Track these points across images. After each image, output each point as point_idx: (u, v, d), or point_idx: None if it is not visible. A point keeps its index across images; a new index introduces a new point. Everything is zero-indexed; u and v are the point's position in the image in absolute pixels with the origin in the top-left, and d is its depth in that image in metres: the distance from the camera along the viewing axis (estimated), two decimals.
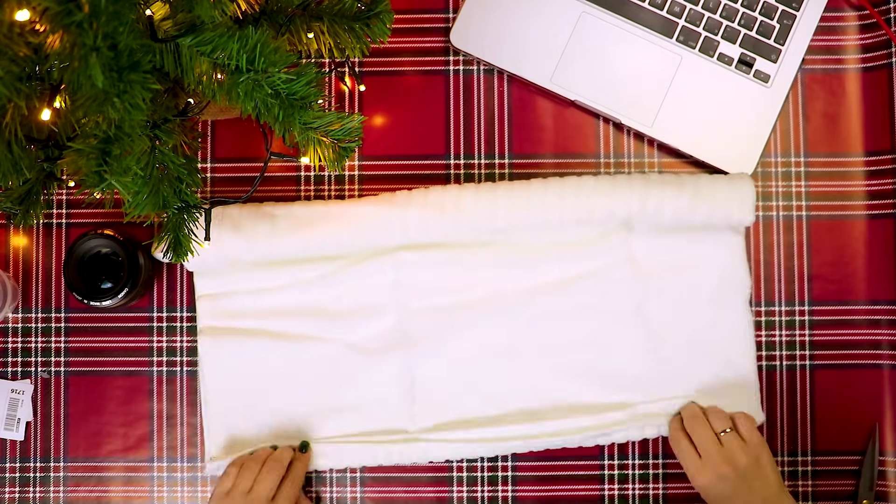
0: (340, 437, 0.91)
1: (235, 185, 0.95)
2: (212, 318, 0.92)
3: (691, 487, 0.93)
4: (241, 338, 0.92)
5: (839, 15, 0.96)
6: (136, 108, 0.57)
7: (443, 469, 0.93)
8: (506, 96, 0.96)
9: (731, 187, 0.90)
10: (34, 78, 0.65)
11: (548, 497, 0.91)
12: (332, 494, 0.93)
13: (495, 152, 0.96)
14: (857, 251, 0.95)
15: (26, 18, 0.56)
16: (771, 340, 0.94)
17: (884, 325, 0.94)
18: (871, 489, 0.92)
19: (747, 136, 0.94)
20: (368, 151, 0.96)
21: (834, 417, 0.94)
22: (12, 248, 0.95)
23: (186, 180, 0.75)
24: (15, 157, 0.67)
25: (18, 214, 0.79)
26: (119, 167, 0.61)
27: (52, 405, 0.94)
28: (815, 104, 0.96)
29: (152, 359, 0.94)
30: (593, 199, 0.89)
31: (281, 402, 0.92)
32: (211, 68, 0.64)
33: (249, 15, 0.76)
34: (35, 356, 0.94)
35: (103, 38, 0.53)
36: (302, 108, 0.65)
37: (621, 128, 0.96)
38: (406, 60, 0.96)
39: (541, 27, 0.94)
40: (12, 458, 0.94)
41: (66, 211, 0.95)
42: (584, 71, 0.94)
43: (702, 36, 0.94)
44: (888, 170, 0.94)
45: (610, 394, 0.91)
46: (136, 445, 0.94)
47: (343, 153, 0.70)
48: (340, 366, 0.92)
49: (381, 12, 0.79)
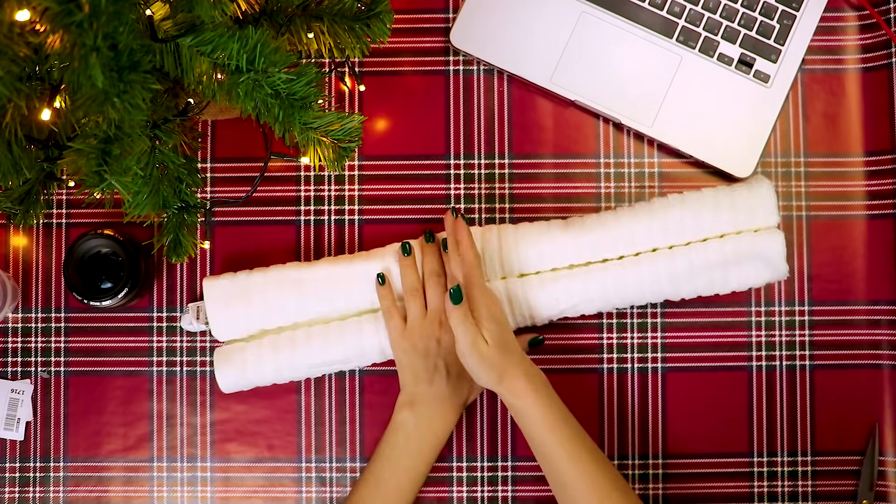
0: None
1: (235, 185, 0.95)
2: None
3: (691, 487, 0.93)
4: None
5: (839, 15, 0.96)
6: (136, 108, 0.57)
7: (443, 469, 0.93)
8: (506, 96, 0.96)
9: (751, 192, 0.89)
10: (34, 78, 0.65)
11: (548, 497, 0.91)
12: (331, 494, 0.93)
13: (495, 152, 0.96)
14: (857, 251, 0.95)
15: (26, 18, 0.56)
16: (771, 340, 0.94)
17: (884, 325, 0.94)
18: (871, 489, 0.92)
19: (747, 136, 0.94)
20: (368, 151, 0.96)
21: (834, 417, 0.94)
22: (12, 248, 0.95)
23: (186, 180, 0.75)
24: (15, 157, 0.67)
25: (18, 214, 0.79)
26: (119, 167, 0.61)
27: (52, 405, 0.94)
28: (815, 104, 0.96)
29: (152, 359, 0.94)
30: (614, 231, 0.89)
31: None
32: (211, 68, 0.64)
33: (249, 15, 0.76)
34: (35, 356, 0.94)
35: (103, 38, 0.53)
36: (302, 108, 0.65)
37: (621, 128, 0.96)
38: (406, 60, 0.96)
39: (541, 27, 0.94)
40: (12, 458, 0.94)
41: (66, 211, 0.95)
42: (584, 71, 0.94)
43: (702, 36, 0.94)
44: (888, 170, 0.94)
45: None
46: (136, 445, 0.94)
47: (343, 153, 0.70)
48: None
49: (381, 12, 0.79)
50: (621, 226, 0.89)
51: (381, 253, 0.91)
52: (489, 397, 0.94)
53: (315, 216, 0.95)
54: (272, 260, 0.94)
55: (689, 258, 0.88)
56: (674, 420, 0.94)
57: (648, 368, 0.94)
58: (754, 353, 0.94)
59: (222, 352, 0.90)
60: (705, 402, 0.94)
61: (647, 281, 0.89)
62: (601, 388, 0.94)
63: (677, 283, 0.89)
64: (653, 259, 0.89)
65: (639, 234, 0.89)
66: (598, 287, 0.89)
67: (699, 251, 0.88)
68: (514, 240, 0.90)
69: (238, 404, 0.94)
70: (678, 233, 0.89)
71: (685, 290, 0.90)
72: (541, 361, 0.93)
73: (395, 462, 0.87)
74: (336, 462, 0.94)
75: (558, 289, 0.89)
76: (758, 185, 0.89)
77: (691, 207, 0.89)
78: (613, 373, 0.94)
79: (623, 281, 0.89)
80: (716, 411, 0.94)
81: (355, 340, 0.89)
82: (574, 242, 0.89)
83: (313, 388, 0.94)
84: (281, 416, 0.94)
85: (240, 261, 0.94)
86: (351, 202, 0.95)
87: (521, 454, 0.93)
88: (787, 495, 0.93)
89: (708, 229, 0.89)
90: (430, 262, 0.89)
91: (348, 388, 0.94)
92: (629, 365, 0.94)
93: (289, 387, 0.94)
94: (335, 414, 0.94)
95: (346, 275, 0.90)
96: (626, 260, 0.89)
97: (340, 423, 0.94)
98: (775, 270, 0.89)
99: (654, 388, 0.94)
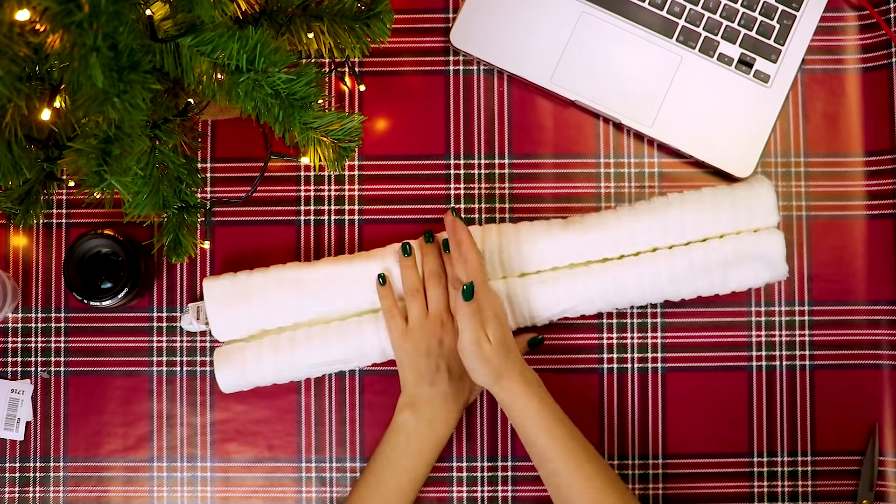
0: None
1: (235, 185, 0.95)
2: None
3: (691, 487, 0.93)
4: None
5: (839, 15, 0.96)
6: (136, 108, 0.57)
7: (443, 469, 0.93)
8: (506, 96, 0.96)
9: (751, 191, 0.89)
10: (34, 78, 0.65)
11: (548, 497, 0.91)
12: (331, 494, 0.93)
13: (495, 152, 0.96)
14: (857, 251, 0.95)
15: (26, 18, 0.56)
16: (771, 340, 0.94)
17: (884, 325, 0.94)
18: (871, 489, 0.92)
19: (747, 136, 0.94)
20: (368, 151, 0.96)
21: (834, 417, 0.94)
22: (12, 248, 0.95)
23: (186, 180, 0.75)
24: (15, 157, 0.67)
25: (18, 214, 0.79)
26: (119, 167, 0.61)
27: (52, 405, 0.94)
28: (815, 104, 0.96)
29: (152, 359, 0.94)
30: (615, 231, 0.89)
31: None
32: (211, 68, 0.64)
33: (249, 15, 0.76)
34: (35, 356, 0.94)
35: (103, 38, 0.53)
36: (302, 108, 0.65)
37: (621, 128, 0.96)
38: (406, 60, 0.96)
39: (541, 27, 0.94)
40: (12, 458, 0.94)
41: (66, 211, 0.95)
42: (584, 71, 0.94)
43: (702, 36, 0.94)
44: (888, 170, 0.94)
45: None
46: (136, 445, 0.94)
47: (343, 153, 0.70)
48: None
49: (381, 12, 0.79)
50: (621, 225, 0.89)
51: (382, 253, 0.91)
52: (489, 398, 0.94)
53: (315, 216, 0.95)
54: (272, 260, 0.94)
55: (690, 258, 0.88)
56: (674, 420, 0.94)
57: (648, 368, 0.94)
58: (754, 353, 0.94)
59: (222, 352, 0.90)
60: (705, 402, 0.94)
61: (647, 281, 0.89)
62: (601, 388, 0.94)
63: (678, 283, 0.89)
64: (653, 259, 0.89)
65: (639, 233, 0.89)
66: (598, 287, 0.89)
67: (699, 252, 0.88)
68: (515, 239, 0.90)
69: (238, 404, 0.94)
70: (678, 232, 0.89)
71: (685, 290, 0.90)
72: (541, 361, 0.93)
73: (395, 462, 0.87)
74: (336, 462, 0.94)
75: (559, 288, 0.89)
76: (758, 185, 0.89)
77: (691, 207, 0.89)
78: (613, 373, 0.94)
79: (623, 281, 0.89)
80: (716, 411, 0.94)
81: (356, 340, 0.89)
82: (574, 242, 0.89)
83: (313, 388, 0.94)
84: (281, 416, 0.94)
85: (240, 261, 0.94)
86: (351, 202, 0.95)
87: (521, 454, 0.93)
88: (787, 495, 0.93)
89: (708, 228, 0.89)
90: (431, 263, 0.89)
91: (348, 388, 0.94)
92: (629, 365, 0.94)
93: (289, 387, 0.94)
94: (335, 414, 0.94)
95: (347, 275, 0.90)
96: (626, 260, 0.89)
97: (340, 423, 0.94)
98: (775, 271, 0.89)
99: (654, 388, 0.94)
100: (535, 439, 0.82)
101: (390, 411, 0.90)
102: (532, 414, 0.82)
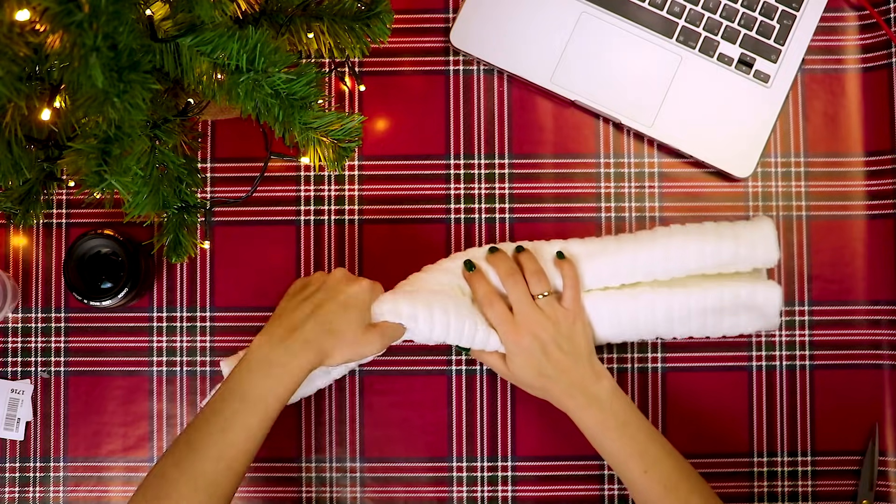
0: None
1: (235, 185, 0.95)
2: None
3: None
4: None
5: (839, 15, 0.96)
6: (136, 108, 0.57)
7: (443, 469, 0.93)
8: (506, 96, 0.96)
9: (753, 227, 0.89)
10: (34, 78, 0.65)
11: (548, 497, 0.91)
12: (331, 494, 0.93)
13: (495, 152, 0.96)
14: (857, 251, 0.95)
15: (26, 18, 0.56)
16: (771, 340, 0.94)
17: (884, 325, 0.94)
18: (871, 489, 0.92)
19: (747, 136, 0.94)
20: (368, 151, 0.96)
21: (834, 417, 0.94)
22: (12, 248, 0.95)
23: (186, 180, 0.75)
24: (15, 157, 0.67)
25: (18, 214, 0.79)
26: (119, 167, 0.61)
27: (52, 405, 0.94)
28: (815, 104, 0.96)
29: (152, 359, 0.94)
30: (615, 257, 0.88)
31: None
32: (211, 68, 0.64)
33: (249, 15, 0.76)
34: (35, 356, 0.94)
35: (103, 38, 0.53)
36: (302, 108, 0.65)
37: (621, 128, 0.96)
38: (406, 60, 0.96)
39: (541, 27, 0.94)
40: (12, 458, 0.94)
41: (66, 211, 0.95)
42: (584, 71, 0.94)
43: (702, 36, 0.94)
44: (888, 170, 0.94)
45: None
46: (136, 445, 0.94)
47: (343, 153, 0.70)
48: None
49: (381, 12, 0.79)
50: (623, 251, 0.88)
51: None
52: (489, 398, 0.94)
53: (315, 216, 0.95)
54: (272, 260, 0.94)
55: (688, 300, 0.88)
56: (674, 420, 0.94)
57: (648, 368, 0.94)
58: (754, 353, 0.94)
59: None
60: (705, 402, 0.94)
61: (642, 319, 0.88)
62: None
63: (672, 322, 0.88)
64: (651, 296, 0.88)
65: (642, 260, 0.88)
66: (594, 316, 0.89)
67: (698, 296, 0.88)
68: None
69: None
70: (680, 261, 0.88)
71: (679, 330, 0.89)
72: None
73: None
74: (336, 462, 0.94)
75: None
76: (760, 221, 0.89)
77: (694, 237, 0.88)
78: (614, 373, 0.94)
79: (618, 315, 0.88)
80: (716, 411, 0.94)
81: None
82: (580, 266, 0.89)
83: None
84: (281, 416, 0.94)
85: (240, 261, 0.95)
86: (351, 202, 0.95)
87: (521, 454, 0.93)
88: (787, 495, 0.93)
89: (710, 260, 0.88)
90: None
91: (348, 388, 0.94)
92: (629, 365, 0.94)
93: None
94: (335, 414, 0.94)
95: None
96: (624, 291, 0.89)
97: (340, 423, 0.94)
98: (769, 322, 0.89)
99: (654, 388, 0.94)
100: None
101: (390, 411, 0.90)
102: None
